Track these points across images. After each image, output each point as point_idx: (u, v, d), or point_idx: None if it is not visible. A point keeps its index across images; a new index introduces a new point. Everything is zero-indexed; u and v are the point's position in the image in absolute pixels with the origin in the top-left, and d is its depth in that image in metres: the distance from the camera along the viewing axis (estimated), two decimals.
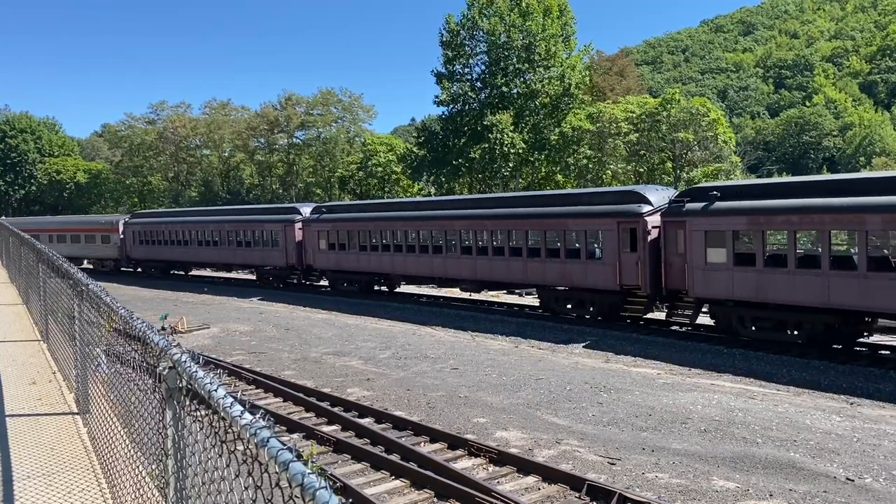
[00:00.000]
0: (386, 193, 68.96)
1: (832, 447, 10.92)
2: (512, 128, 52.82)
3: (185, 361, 3.02)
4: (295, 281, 38.63)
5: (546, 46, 53.78)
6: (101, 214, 65.89)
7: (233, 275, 47.07)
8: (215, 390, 2.55)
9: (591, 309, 24.09)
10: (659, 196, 22.53)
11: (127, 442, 4.66)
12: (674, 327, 22.58)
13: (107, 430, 5.35)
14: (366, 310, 29.01)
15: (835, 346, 18.64)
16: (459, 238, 28.45)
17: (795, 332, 18.80)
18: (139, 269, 49.70)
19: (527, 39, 53.77)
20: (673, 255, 21.11)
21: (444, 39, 56.28)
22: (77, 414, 6.95)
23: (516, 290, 32.53)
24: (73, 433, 6.44)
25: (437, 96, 56.88)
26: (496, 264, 26.60)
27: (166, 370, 3.28)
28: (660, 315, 23.40)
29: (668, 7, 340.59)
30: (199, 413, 2.98)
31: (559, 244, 24.43)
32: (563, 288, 25.04)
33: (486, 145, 52.53)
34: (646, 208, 22.01)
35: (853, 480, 9.57)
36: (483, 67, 56.17)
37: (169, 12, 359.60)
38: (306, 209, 37.53)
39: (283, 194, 79.44)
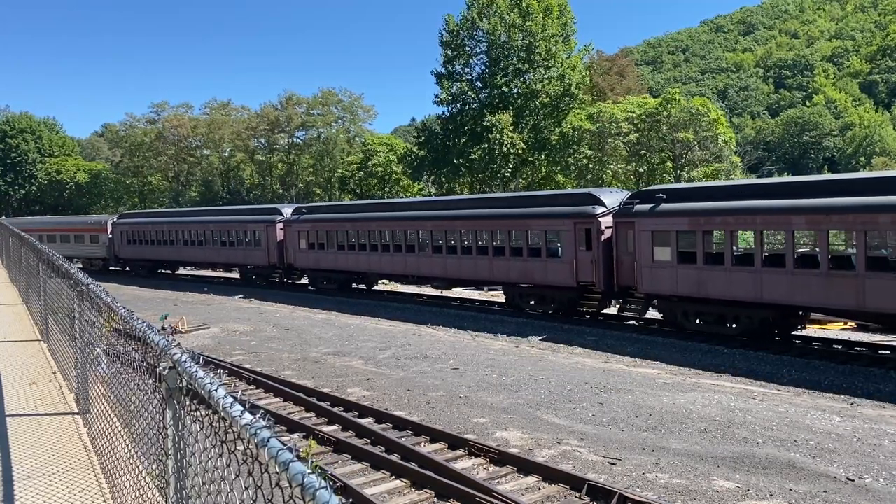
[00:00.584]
0: (386, 193, 68.98)
1: (832, 447, 10.92)
2: (512, 128, 52.81)
3: (186, 361, 3.02)
4: (277, 280, 39.79)
5: (546, 46, 53.77)
6: (90, 215, 66.48)
7: (218, 273, 48.39)
8: (215, 390, 2.55)
9: (552, 305, 25.38)
10: (612, 198, 23.86)
11: (127, 442, 4.66)
12: (663, 328, 22.61)
13: (107, 430, 5.35)
14: (366, 310, 29.03)
15: (775, 338, 19.94)
16: (431, 238, 29.48)
17: (734, 325, 20.10)
18: (127, 269, 50.57)
19: (527, 39, 53.76)
20: (624, 254, 22.39)
21: (444, 39, 56.26)
22: (77, 414, 6.96)
23: (483, 287, 33.55)
24: (74, 433, 6.44)
25: (436, 96, 56.91)
26: (464, 263, 27.98)
27: (166, 370, 3.28)
28: (651, 314, 23.49)
29: (668, 7, 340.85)
30: (199, 413, 2.98)
31: (522, 244, 25.74)
32: (526, 285, 26.25)
33: (486, 145, 52.52)
34: (600, 209, 23.36)
35: (853, 480, 9.57)
36: (483, 67, 56.18)
37: (169, 12, 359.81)
38: (287, 210, 38.71)
39: (284, 194, 79.45)
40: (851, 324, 22.24)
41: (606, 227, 22.99)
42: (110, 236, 50.02)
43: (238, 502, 2.46)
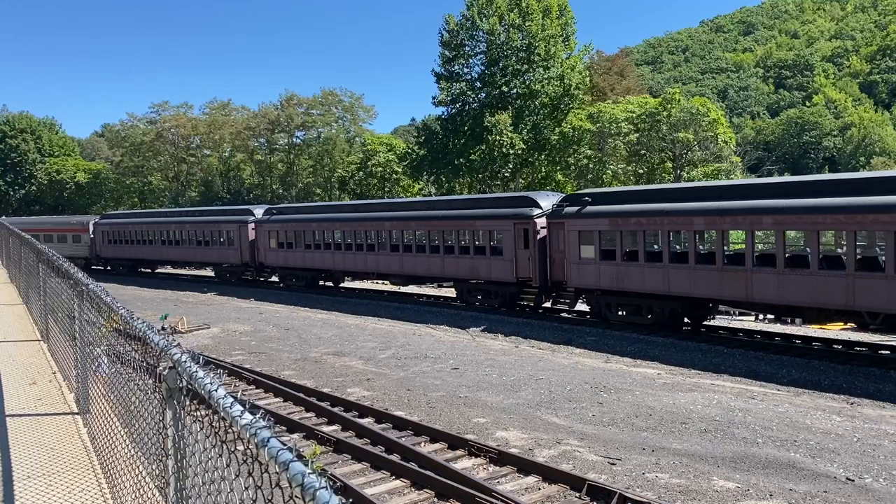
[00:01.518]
0: (386, 193, 68.98)
1: (832, 447, 10.92)
2: (511, 128, 52.79)
3: (186, 361, 3.02)
4: (249, 278, 41.68)
5: (545, 47, 53.74)
6: (73, 215, 68.23)
7: (194, 272, 50.90)
8: (215, 390, 2.55)
9: (496, 299, 27.48)
10: (548, 201, 25.91)
11: (127, 442, 4.66)
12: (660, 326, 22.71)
13: (107, 430, 5.35)
14: (366, 310, 29.06)
15: (685, 327, 22.33)
16: (389, 238, 31.51)
17: (649, 316, 22.17)
18: (108, 267, 51.99)
19: (526, 40, 53.75)
20: (556, 252, 24.62)
21: (444, 39, 56.25)
22: (77, 414, 6.95)
23: (438, 283, 35.54)
24: (73, 433, 6.44)
25: (434, 96, 56.91)
26: (420, 260, 30.02)
27: (166, 370, 3.28)
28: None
29: (668, 7, 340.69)
30: (199, 413, 2.98)
31: (469, 243, 27.97)
32: (474, 281, 28.35)
33: (486, 146, 52.51)
34: (536, 211, 25.46)
35: (853, 480, 9.57)
36: (482, 68, 56.16)
37: (169, 12, 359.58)
38: (259, 211, 40.78)
39: (284, 194, 79.41)
40: (851, 324, 22.32)
41: (542, 228, 25.07)
42: (92, 236, 51.85)
43: (238, 502, 2.46)
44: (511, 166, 54.18)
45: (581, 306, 25.45)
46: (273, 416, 10.33)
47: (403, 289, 35.41)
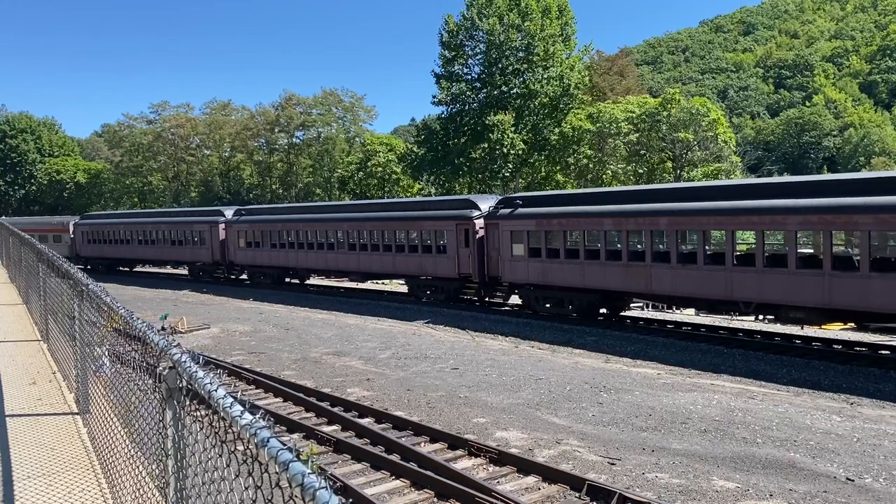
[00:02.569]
0: (386, 193, 68.95)
1: (832, 447, 10.92)
2: (512, 128, 52.78)
3: (185, 361, 3.02)
4: (221, 276, 43.57)
5: (544, 47, 53.72)
6: (54, 216, 70.14)
7: (170, 270, 52.66)
8: (215, 390, 2.55)
9: (442, 294, 29.72)
10: (486, 203, 28.26)
11: (127, 442, 4.65)
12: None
13: (107, 430, 5.35)
14: (366, 310, 29.08)
15: (601, 317, 24.77)
16: (347, 237, 33.67)
17: (570, 307, 24.53)
18: (88, 266, 53.04)
19: (525, 40, 53.71)
20: (492, 250, 26.98)
21: (444, 40, 56.20)
22: (77, 414, 6.95)
23: (391, 280, 37.77)
24: (73, 433, 6.44)
25: (434, 96, 56.85)
26: (374, 258, 32.26)
27: (166, 370, 3.28)
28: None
29: (668, 7, 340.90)
30: (199, 413, 2.98)
31: (418, 242, 30.06)
32: (423, 277, 30.60)
33: (486, 145, 52.50)
34: (475, 213, 27.78)
35: (853, 480, 9.57)
36: (481, 68, 56.12)
37: (169, 12, 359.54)
38: (229, 212, 42.91)
39: (284, 194, 79.40)
40: (851, 324, 22.38)
41: (480, 228, 27.42)
42: (72, 236, 53.60)
43: (238, 502, 2.46)
44: (511, 166, 54.17)
45: (515, 299, 28.14)
46: (273, 416, 10.32)
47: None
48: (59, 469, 5.47)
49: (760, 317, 25.37)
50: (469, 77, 56.84)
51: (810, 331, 21.98)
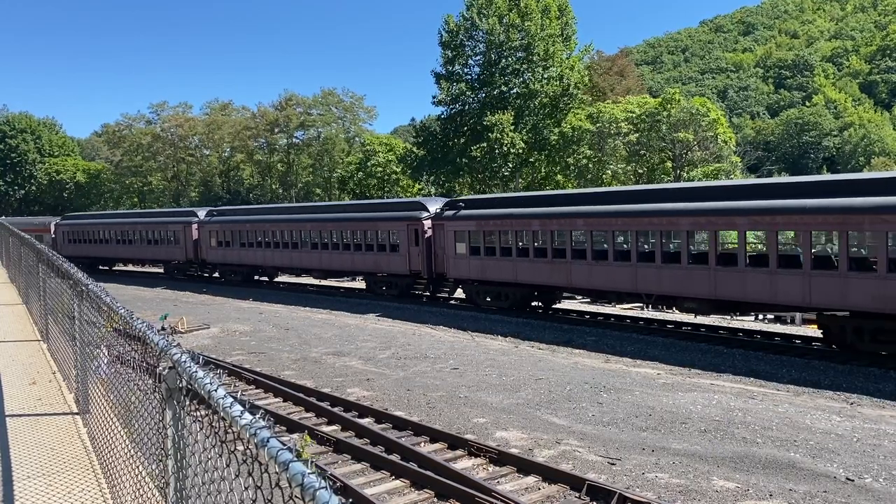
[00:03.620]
0: (386, 193, 68.87)
1: (832, 447, 10.92)
2: (512, 128, 52.74)
3: (185, 361, 3.02)
4: (194, 273, 45.50)
5: (544, 46, 53.67)
6: (36, 216, 71.46)
7: (149, 269, 54.33)
8: (215, 390, 2.55)
9: (396, 289, 31.94)
10: (435, 205, 30.62)
11: (127, 442, 4.65)
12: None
13: (107, 430, 5.35)
14: (366, 309, 29.08)
15: (535, 309, 27.31)
16: (310, 237, 35.71)
17: (507, 300, 26.92)
18: None
19: (525, 40, 53.66)
20: (439, 248, 29.26)
21: (444, 40, 56.14)
22: (77, 414, 6.95)
23: (354, 278, 39.88)
24: (73, 433, 6.44)
25: (434, 96, 56.80)
26: (335, 257, 34.30)
27: (166, 370, 3.28)
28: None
29: (668, 7, 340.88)
30: (199, 413, 2.98)
31: (374, 241, 32.21)
32: (379, 274, 32.79)
33: (486, 144, 52.47)
34: (425, 214, 30.01)
35: (853, 480, 9.57)
36: (481, 68, 56.06)
37: (169, 12, 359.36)
38: (202, 212, 44.85)
39: (283, 194, 79.37)
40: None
41: (428, 228, 29.58)
42: (53, 236, 54.39)
43: (238, 502, 2.46)
44: (511, 166, 54.14)
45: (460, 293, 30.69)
46: (273, 416, 10.33)
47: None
48: (59, 469, 5.47)
49: (760, 316, 25.74)
50: (469, 77, 56.79)
51: (810, 331, 21.97)
